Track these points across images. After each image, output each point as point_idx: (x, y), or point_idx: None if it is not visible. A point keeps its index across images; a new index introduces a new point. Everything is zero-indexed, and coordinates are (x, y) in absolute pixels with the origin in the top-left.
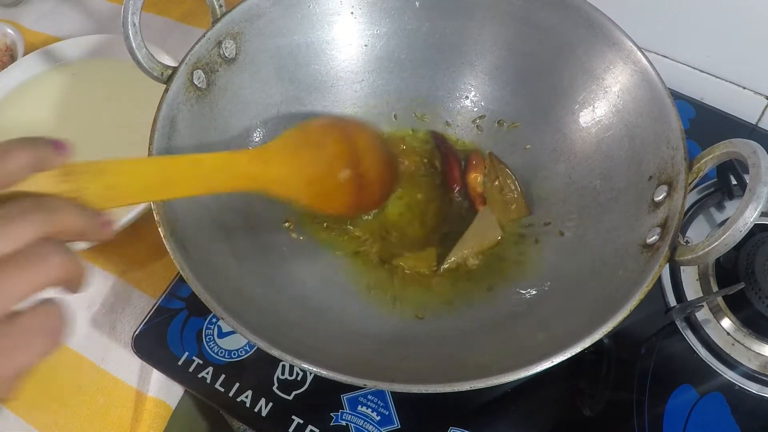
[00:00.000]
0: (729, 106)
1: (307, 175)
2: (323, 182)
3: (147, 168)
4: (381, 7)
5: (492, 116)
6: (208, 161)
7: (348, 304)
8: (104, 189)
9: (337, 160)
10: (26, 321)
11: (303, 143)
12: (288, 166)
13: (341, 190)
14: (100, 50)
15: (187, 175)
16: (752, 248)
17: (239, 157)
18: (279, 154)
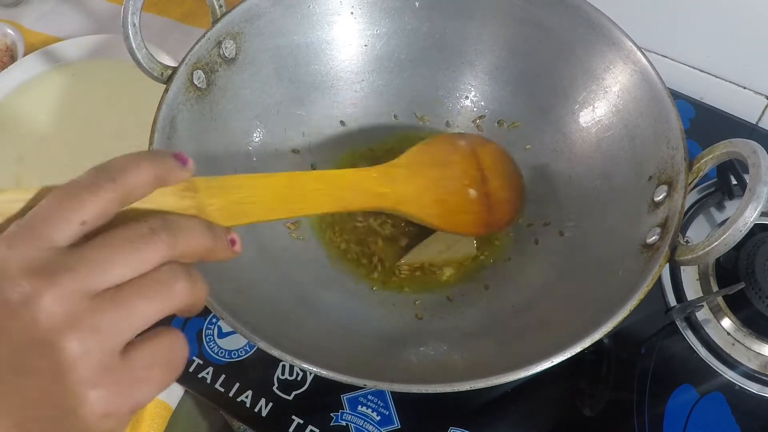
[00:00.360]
0: (729, 106)
1: (435, 194)
2: (452, 201)
3: (273, 184)
4: (381, 7)
5: (492, 116)
6: (335, 177)
7: (348, 304)
8: (229, 205)
9: (465, 177)
10: (147, 354)
11: (430, 160)
12: (416, 184)
13: (470, 209)
14: (100, 50)
15: (314, 192)
16: (752, 248)
17: (367, 174)
18: (407, 171)
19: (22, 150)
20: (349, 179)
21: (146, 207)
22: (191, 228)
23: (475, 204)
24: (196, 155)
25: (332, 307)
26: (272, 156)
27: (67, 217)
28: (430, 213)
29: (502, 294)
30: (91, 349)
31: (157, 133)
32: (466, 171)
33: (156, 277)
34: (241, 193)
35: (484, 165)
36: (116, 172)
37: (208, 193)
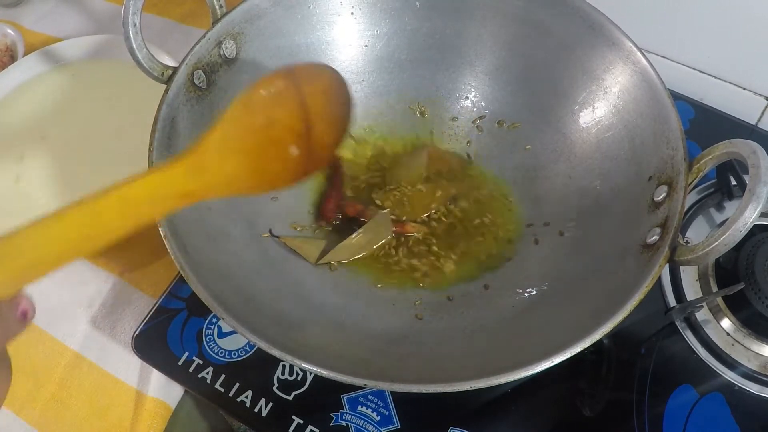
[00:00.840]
0: (729, 107)
1: (250, 165)
2: (269, 166)
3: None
4: (381, 8)
5: (492, 116)
6: (135, 195)
7: (348, 304)
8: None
9: (288, 135)
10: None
11: (247, 128)
12: (230, 164)
13: (287, 166)
14: (101, 51)
15: (110, 220)
16: (752, 248)
17: (174, 174)
18: (218, 154)
19: (23, 150)
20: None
21: None
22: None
23: (295, 159)
24: None
25: (332, 306)
26: None
27: None
28: (243, 186)
29: (502, 294)
30: None
31: (157, 133)
32: (289, 127)
33: None
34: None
35: (312, 110)
36: None
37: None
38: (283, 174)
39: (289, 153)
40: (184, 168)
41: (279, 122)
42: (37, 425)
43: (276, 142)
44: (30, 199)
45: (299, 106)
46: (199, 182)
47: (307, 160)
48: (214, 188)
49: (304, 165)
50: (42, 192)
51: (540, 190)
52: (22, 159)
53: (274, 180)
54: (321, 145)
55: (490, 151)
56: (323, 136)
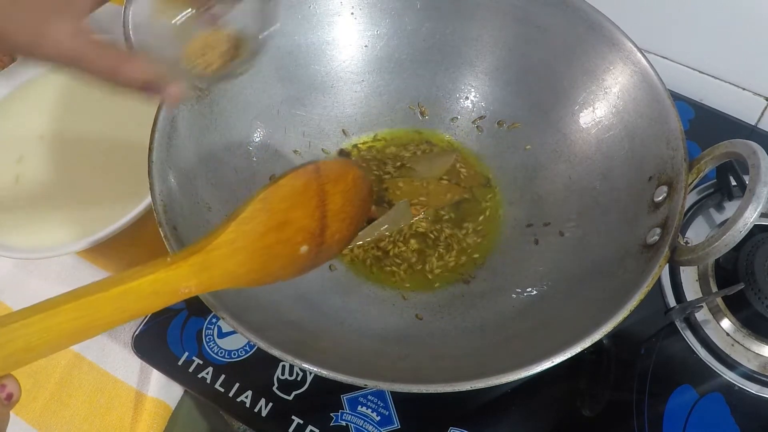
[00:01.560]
0: (728, 107)
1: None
2: (274, 263)
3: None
4: (381, 8)
5: (492, 117)
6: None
7: (348, 304)
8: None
9: (300, 235)
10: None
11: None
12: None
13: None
14: None
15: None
16: (752, 249)
17: (175, 273)
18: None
19: (22, 150)
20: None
21: None
22: None
23: (303, 256)
24: (196, 155)
25: (332, 306)
26: (272, 156)
27: None
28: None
29: (502, 294)
30: None
31: (157, 133)
32: (303, 228)
33: None
34: (20, 343)
35: (330, 212)
36: None
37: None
38: (288, 269)
39: (298, 252)
40: (189, 267)
41: (294, 223)
42: (37, 425)
43: (287, 242)
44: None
45: (318, 208)
46: (201, 279)
47: (315, 257)
48: (215, 283)
49: (311, 261)
50: (41, 192)
51: (540, 190)
52: (22, 159)
53: (277, 274)
54: (331, 243)
55: (490, 151)
56: (336, 234)
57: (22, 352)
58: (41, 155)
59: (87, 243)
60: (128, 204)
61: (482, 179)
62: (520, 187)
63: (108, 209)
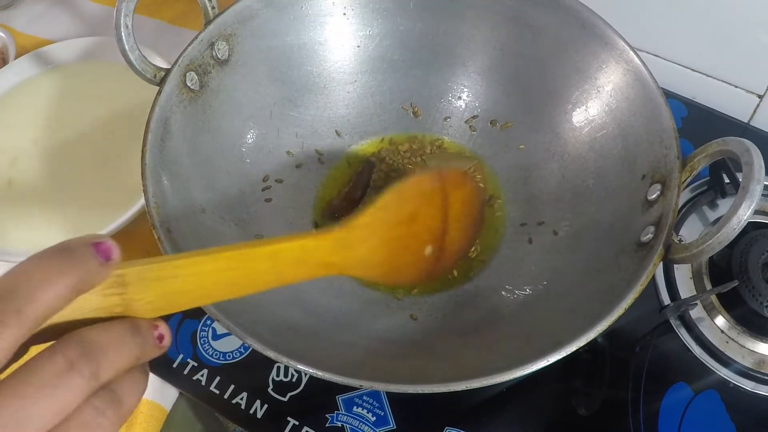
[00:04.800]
0: (721, 105)
1: (387, 253)
2: (402, 259)
3: (214, 269)
4: (373, 8)
5: (485, 116)
6: (286, 253)
7: (343, 305)
8: (161, 297)
9: (426, 233)
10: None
11: (395, 217)
12: (370, 245)
13: (418, 264)
14: (93, 53)
15: (258, 271)
16: (745, 246)
17: (321, 243)
18: (364, 233)
19: (15, 152)
20: (299, 254)
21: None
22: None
23: (426, 259)
24: (189, 156)
25: (327, 307)
26: (265, 157)
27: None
28: (376, 272)
29: (496, 294)
30: None
31: (150, 135)
32: (429, 226)
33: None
34: (177, 282)
35: (450, 215)
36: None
37: (139, 288)
38: (411, 270)
39: (423, 251)
40: (333, 240)
41: (422, 219)
42: None
43: (414, 237)
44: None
45: (442, 209)
46: (342, 257)
47: (435, 263)
48: (351, 266)
49: (431, 266)
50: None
51: (533, 189)
52: (15, 162)
53: (403, 273)
54: (449, 252)
55: (484, 151)
56: (454, 242)
57: (177, 294)
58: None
59: None
60: (121, 206)
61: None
62: (513, 186)
63: (101, 211)
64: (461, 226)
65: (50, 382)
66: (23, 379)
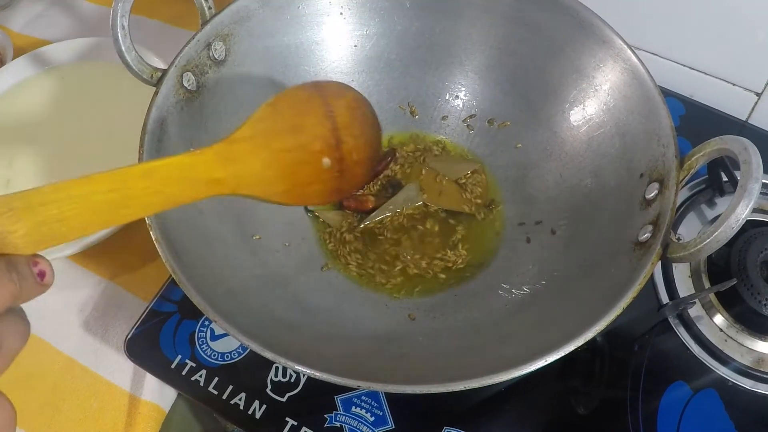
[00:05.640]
0: (719, 103)
1: (282, 167)
2: (301, 173)
3: (90, 192)
4: (370, 8)
5: (482, 115)
6: (162, 170)
7: (341, 305)
8: (37, 227)
9: (317, 143)
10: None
11: (277, 126)
12: (260, 159)
13: (320, 178)
14: (90, 53)
15: (138, 193)
16: (744, 244)
17: (201, 158)
18: (247, 146)
19: (12, 153)
20: (178, 170)
21: None
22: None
23: (327, 171)
24: None
25: (325, 308)
26: None
27: None
28: (276, 191)
29: (494, 293)
30: None
31: (147, 136)
32: (318, 135)
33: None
34: (52, 209)
35: (340, 123)
36: None
37: (10, 218)
38: (317, 186)
39: (321, 164)
40: (213, 154)
41: (308, 128)
42: (30, 429)
43: (306, 148)
44: None
45: (327, 117)
46: (229, 172)
47: (340, 177)
48: (245, 183)
49: (338, 181)
50: None
51: (531, 188)
52: (12, 163)
53: (308, 191)
54: (353, 162)
55: (481, 150)
56: (353, 151)
57: (54, 222)
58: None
59: (78, 247)
60: None
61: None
62: (511, 185)
63: None
64: (357, 134)
65: None
66: None
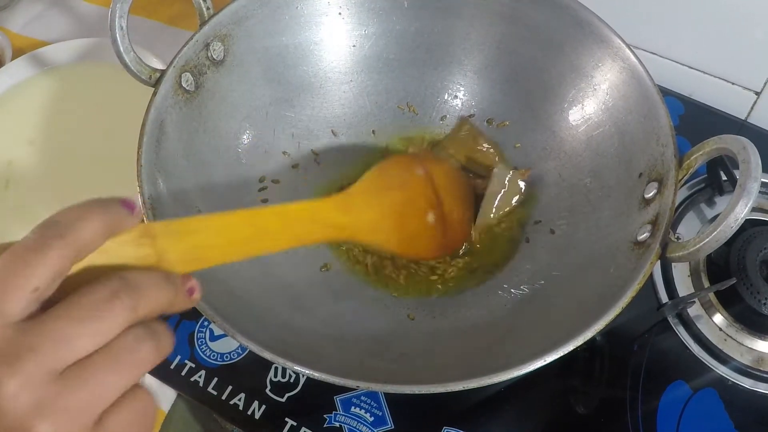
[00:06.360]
0: (718, 102)
1: (393, 219)
2: (410, 225)
3: (232, 224)
4: (369, 8)
5: (481, 115)
6: (293, 212)
7: (340, 305)
8: (187, 251)
9: (421, 200)
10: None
11: (385, 184)
12: (372, 210)
13: (428, 232)
14: (89, 54)
15: (274, 229)
16: (743, 243)
17: (324, 204)
18: (362, 198)
19: (11, 155)
20: (305, 213)
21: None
22: (151, 285)
23: (432, 227)
24: (185, 158)
25: (324, 308)
26: (261, 157)
27: (18, 286)
28: (389, 240)
29: (493, 293)
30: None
31: (146, 137)
32: (422, 193)
33: (122, 346)
34: (199, 237)
35: (439, 185)
36: (64, 228)
37: (166, 240)
38: (424, 240)
39: (426, 218)
40: (334, 202)
41: (412, 187)
42: None
43: (413, 203)
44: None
45: (427, 181)
46: (348, 219)
47: (444, 232)
48: (361, 230)
49: (442, 236)
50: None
51: (530, 188)
52: (11, 164)
53: (417, 244)
54: (454, 220)
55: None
56: (453, 211)
57: (203, 248)
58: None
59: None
60: None
61: None
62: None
63: None
64: (453, 194)
65: (95, 307)
66: (71, 303)
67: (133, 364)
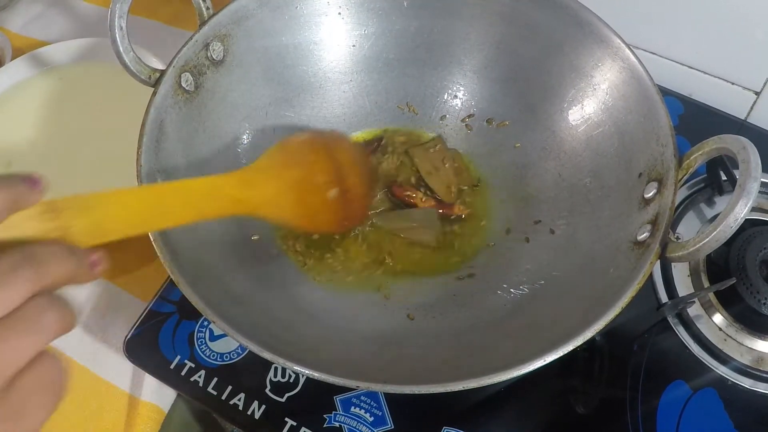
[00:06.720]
0: (718, 102)
1: (293, 195)
2: (310, 201)
3: (135, 199)
4: (368, 7)
5: (481, 115)
6: (195, 187)
7: (339, 305)
8: (91, 225)
9: (322, 176)
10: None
11: (286, 162)
12: (273, 186)
13: (329, 207)
14: (88, 54)
15: (175, 204)
16: (743, 243)
17: (225, 180)
18: (263, 174)
19: (10, 155)
20: (207, 188)
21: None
22: (54, 257)
23: (332, 202)
24: (185, 158)
25: (323, 308)
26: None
27: None
28: (289, 216)
29: (493, 293)
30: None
31: (145, 137)
32: (323, 169)
33: (24, 315)
34: (102, 211)
35: (340, 162)
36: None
37: (70, 215)
38: (325, 215)
39: (327, 195)
40: (235, 178)
41: (313, 164)
42: None
43: (313, 180)
44: None
45: (329, 157)
46: (248, 194)
47: (345, 208)
48: (261, 205)
49: (343, 211)
50: None
51: (530, 188)
52: (10, 165)
53: (318, 219)
54: (356, 196)
55: (480, 150)
56: (354, 186)
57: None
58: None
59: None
60: None
61: (473, 180)
62: (509, 185)
63: None
64: (354, 170)
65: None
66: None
67: (36, 331)
